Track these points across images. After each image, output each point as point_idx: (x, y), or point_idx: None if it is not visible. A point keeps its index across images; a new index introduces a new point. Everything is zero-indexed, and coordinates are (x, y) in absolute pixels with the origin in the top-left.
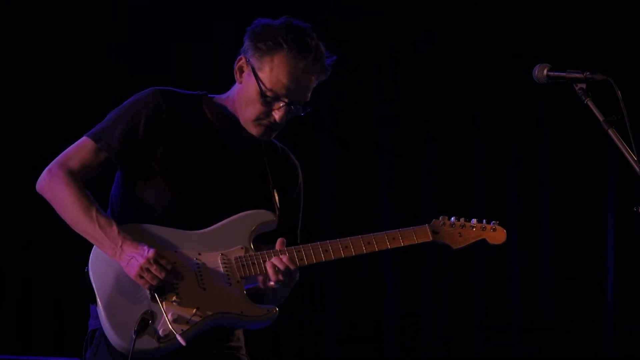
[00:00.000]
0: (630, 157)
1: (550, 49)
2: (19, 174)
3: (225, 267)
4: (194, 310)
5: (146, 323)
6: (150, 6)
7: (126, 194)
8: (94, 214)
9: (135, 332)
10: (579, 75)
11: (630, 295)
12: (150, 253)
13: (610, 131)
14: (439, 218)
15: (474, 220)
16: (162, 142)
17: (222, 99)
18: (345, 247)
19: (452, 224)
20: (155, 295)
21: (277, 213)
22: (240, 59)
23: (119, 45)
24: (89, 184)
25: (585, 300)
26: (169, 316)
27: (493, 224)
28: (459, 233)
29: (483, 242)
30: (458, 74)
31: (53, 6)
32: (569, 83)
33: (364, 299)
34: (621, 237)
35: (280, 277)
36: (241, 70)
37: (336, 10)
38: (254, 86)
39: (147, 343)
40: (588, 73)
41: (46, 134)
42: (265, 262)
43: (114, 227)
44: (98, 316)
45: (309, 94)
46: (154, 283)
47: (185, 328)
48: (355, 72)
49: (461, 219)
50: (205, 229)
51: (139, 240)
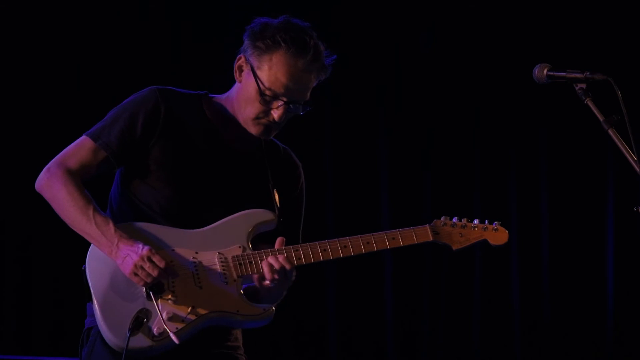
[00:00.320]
0: (630, 157)
1: (550, 49)
2: (19, 173)
3: (222, 266)
4: (189, 308)
5: (141, 321)
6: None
7: (125, 193)
8: (91, 212)
9: (129, 330)
10: (579, 75)
11: (630, 295)
12: (144, 251)
13: (610, 131)
14: (441, 218)
15: (476, 221)
16: (161, 141)
17: (222, 98)
18: (344, 247)
19: (454, 224)
20: (151, 293)
21: (277, 212)
22: (240, 58)
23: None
24: (87, 182)
25: (585, 300)
26: (164, 314)
27: (495, 224)
28: (460, 233)
29: (484, 243)
30: (458, 73)
31: (52, 6)
32: (569, 83)
33: (363, 298)
34: (621, 237)
35: (276, 277)
36: (240, 70)
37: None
38: (253, 85)
39: (141, 341)
40: (588, 73)
41: (46, 132)
42: (262, 262)
43: (111, 226)
44: (94, 314)
45: (308, 93)
46: (148, 280)
47: (179, 326)
48: (356, 73)
49: (463, 219)
50: (203, 228)
51: (136, 238)
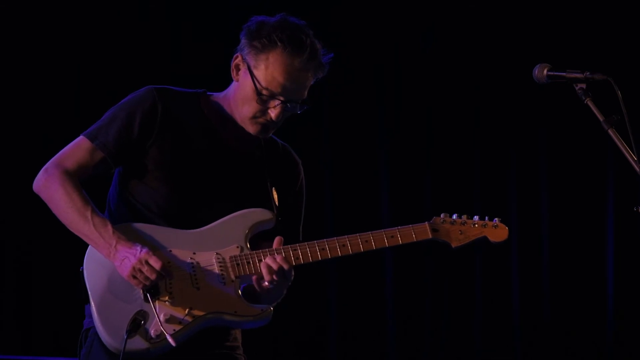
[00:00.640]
0: (630, 157)
1: (550, 49)
2: (19, 173)
3: (220, 267)
4: (187, 310)
5: (138, 323)
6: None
7: (123, 194)
8: (89, 214)
9: (126, 333)
10: (579, 75)
11: (630, 295)
12: (143, 253)
13: (610, 131)
14: (440, 215)
15: (475, 217)
16: (158, 141)
17: (220, 97)
18: (343, 246)
19: (453, 221)
20: (148, 295)
21: (275, 211)
22: (237, 56)
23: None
24: (85, 183)
25: (585, 300)
26: (161, 316)
27: (495, 220)
28: (460, 230)
29: (484, 240)
30: (458, 73)
31: (52, 6)
32: (569, 83)
33: (363, 298)
34: (621, 237)
35: (274, 277)
36: (237, 68)
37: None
38: (249, 84)
39: (139, 344)
40: (588, 73)
41: (46, 133)
42: (260, 262)
43: (109, 227)
44: (91, 315)
45: (305, 92)
46: (146, 283)
47: (177, 328)
48: (356, 72)
49: (463, 216)
50: (201, 228)
51: (134, 240)
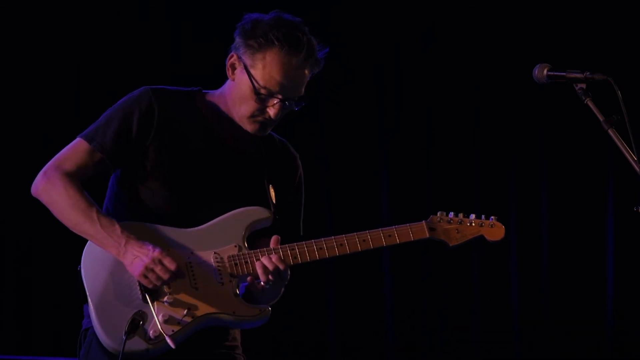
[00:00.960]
0: (630, 157)
1: (550, 49)
2: (18, 173)
3: (218, 266)
4: (185, 310)
5: (137, 324)
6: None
7: (121, 194)
8: (95, 214)
9: (125, 333)
10: (579, 75)
11: (630, 295)
12: (156, 253)
13: (610, 131)
14: (437, 214)
15: (472, 216)
16: (156, 142)
17: (216, 95)
18: (340, 245)
19: (450, 220)
20: (147, 295)
21: (272, 210)
22: (232, 56)
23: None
24: (84, 184)
25: (584, 300)
26: (160, 317)
27: (492, 219)
28: (457, 229)
29: (481, 239)
30: (458, 73)
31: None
32: (569, 83)
33: (362, 297)
34: (621, 237)
35: (270, 277)
36: (233, 67)
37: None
38: (247, 83)
39: (137, 344)
40: (588, 73)
41: (46, 133)
42: (257, 262)
43: (117, 227)
44: (90, 315)
45: (303, 89)
46: (158, 283)
47: (175, 329)
48: (356, 71)
49: (459, 215)
50: (199, 227)
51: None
